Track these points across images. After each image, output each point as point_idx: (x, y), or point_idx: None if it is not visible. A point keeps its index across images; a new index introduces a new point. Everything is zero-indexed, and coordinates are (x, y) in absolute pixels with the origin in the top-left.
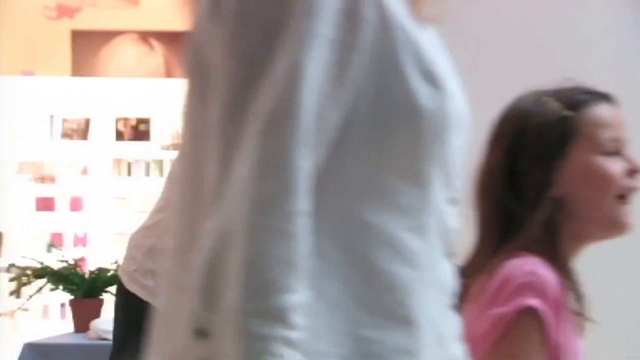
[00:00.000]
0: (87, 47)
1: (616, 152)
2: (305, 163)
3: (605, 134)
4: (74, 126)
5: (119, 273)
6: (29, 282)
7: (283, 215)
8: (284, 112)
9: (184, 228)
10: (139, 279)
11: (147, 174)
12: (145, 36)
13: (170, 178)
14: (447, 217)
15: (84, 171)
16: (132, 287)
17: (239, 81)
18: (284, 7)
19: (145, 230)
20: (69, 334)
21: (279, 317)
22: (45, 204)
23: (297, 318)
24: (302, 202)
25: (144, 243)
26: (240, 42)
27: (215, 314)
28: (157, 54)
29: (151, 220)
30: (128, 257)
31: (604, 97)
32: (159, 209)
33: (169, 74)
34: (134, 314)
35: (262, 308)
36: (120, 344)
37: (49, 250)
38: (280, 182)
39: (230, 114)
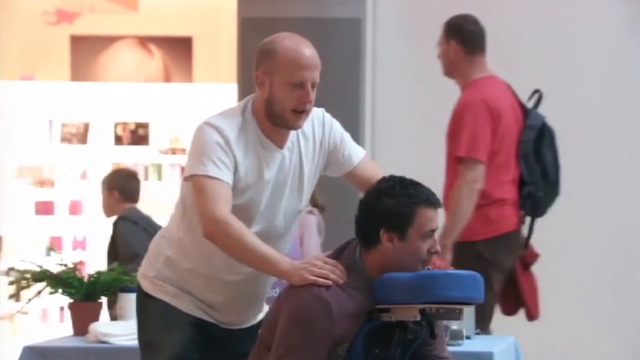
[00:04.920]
0: (86, 52)
1: None
2: None
3: None
4: (73, 130)
5: (139, 277)
6: (28, 286)
7: None
8: None
9: None
10: (159, 284)
11: (146, 178)
12: (144, 41)
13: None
14: None
15: (83, 175)
16: (153, 292)
17: None
18: None
19: (164, 240)
20: (68, 337)
21: None
22: (45, 208)
23: None
24: None
25: (164, 252)
26: None
27: None
28: (156, 59)
29: (171, 234)
30: (149, 263)
31: None
32: (177, 220)
33: (167, 78)
34: (156, 316)
35: None
36: (148, 346)
37: (48, 254)
38: None
39: None
